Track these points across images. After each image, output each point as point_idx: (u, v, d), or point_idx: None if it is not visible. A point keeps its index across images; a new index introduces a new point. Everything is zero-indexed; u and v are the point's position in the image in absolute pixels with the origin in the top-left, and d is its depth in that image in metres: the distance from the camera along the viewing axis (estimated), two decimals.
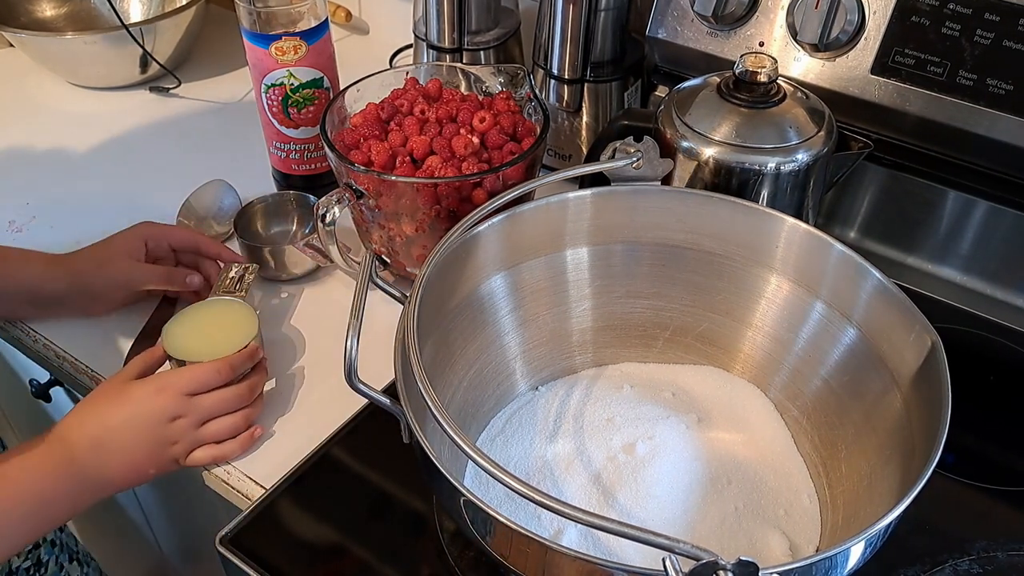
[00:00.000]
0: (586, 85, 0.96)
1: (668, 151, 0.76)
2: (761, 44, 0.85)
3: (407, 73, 0.87)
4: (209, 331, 0.74)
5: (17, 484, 0.64)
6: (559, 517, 0.44)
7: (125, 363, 0.76)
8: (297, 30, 0.87)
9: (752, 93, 0.75)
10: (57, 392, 0.96)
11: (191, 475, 0.76)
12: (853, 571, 0.51)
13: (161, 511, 1.06)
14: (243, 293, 0.79)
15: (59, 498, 0.65)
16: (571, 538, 0.59)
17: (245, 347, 0.72)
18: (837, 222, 0.91)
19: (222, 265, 0.83)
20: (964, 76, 0.76)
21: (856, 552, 0.49)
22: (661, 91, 0.97)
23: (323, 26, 0.89)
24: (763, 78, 0.75)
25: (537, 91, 0.85)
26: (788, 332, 0.70)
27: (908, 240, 0.88)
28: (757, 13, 0.85)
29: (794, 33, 0.83)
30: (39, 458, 0.65)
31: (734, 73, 0.76)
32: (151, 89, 1.21)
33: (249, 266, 0.82)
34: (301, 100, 0.91)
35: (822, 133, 0.76)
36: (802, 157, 0.75)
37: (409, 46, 1.15)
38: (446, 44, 1.02)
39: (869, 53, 0.80)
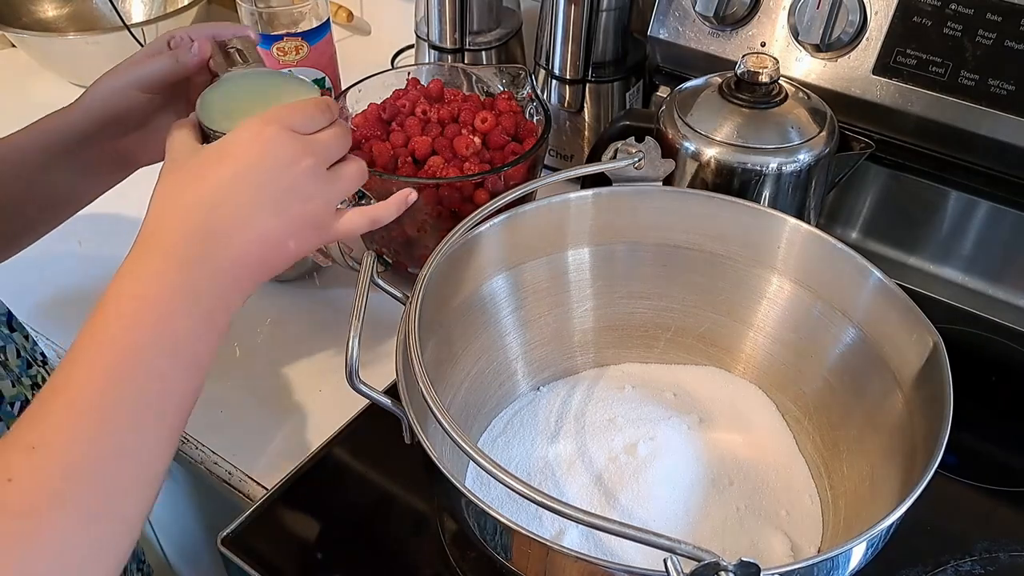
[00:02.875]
0: (588, 85, 0.96)
1: (670, 151, 0.76)
2: (763, 44, 0.85)
3: (409, 73, 0.87)
4: (257, 100, 0.58)
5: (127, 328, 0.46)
6: (560, 518, 0.44)
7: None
8: (299, 30, 0.87)
9: (754, 93, 0.75)
10: None
11: (193, 473, 0.76)
12: (855, 572, 0.51)
13: (162, 511, 1.06)
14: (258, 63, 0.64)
15: (184, 328, 0.47)
16: (572, 539, 0.59)
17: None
18: (839, 222, 0.91)
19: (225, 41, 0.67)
20: (966, 76, 0.76)
21: (858, 553, 0.49)
22: (663, 91, 0.97)
23: (325, 26, 0.89)
24: (765, 78, 0.75)
25: (539, 91, 0.85)
26: (790, 333, 0.70)
27: (910, 240, 0.88)
28: (759, 13, 0.85)
29: (796, 33, 0.83)
30: (137, 284, 0.47)
31: (736, 73, 0.76)
32: None
33: (245, 39, 0.67)
34: None
35: (824, 133, 0.76)
36: (804, 157, 0.75)
37: (411, 46, 1.15)
38: (448, 44, 1.02)
39: (871, 53, 0.80)
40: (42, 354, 0.69)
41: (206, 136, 0.55)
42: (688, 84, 0.81)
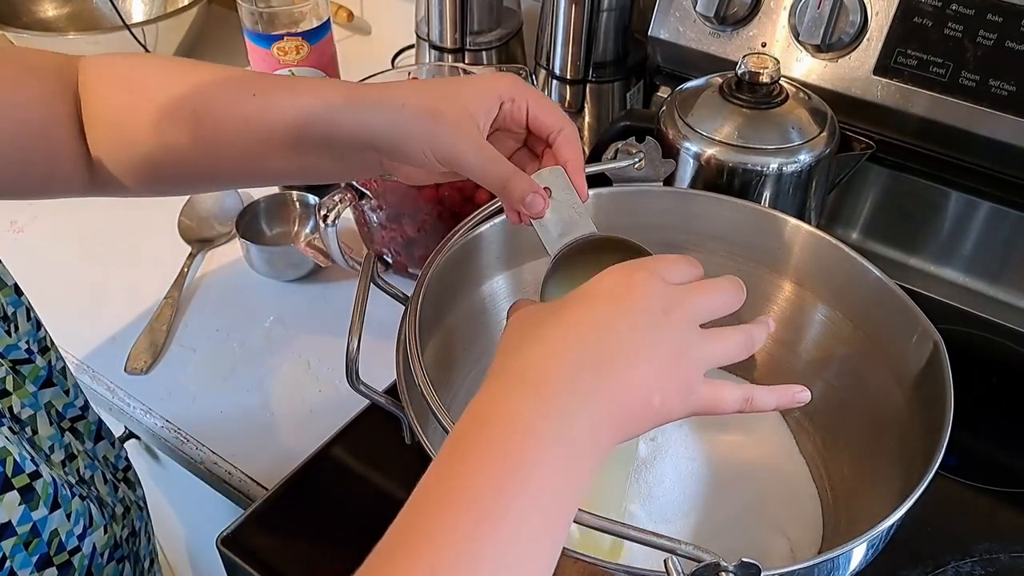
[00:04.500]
0: (588, 85, 0.96)
1: (670, 152, 0.76)
2: (763, 45, 0.85)
3: (409, 73, 0.87)
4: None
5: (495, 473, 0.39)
6: None
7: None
8: (299, 30, 0.87)
9: (754, 94, 0.75)
10: None
11: (193, 473, 0.76)
12: (855, 573, 0.51)
13: (161, 511, 1.06)
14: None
15: (551, 492, 0.39)
16: (572, 539, 0.59)
17: None
18: (839, 223, 0.91)
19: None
20: (966, 77, 0.76)
21: (858, 554, 0.49)
22: (663, 91, 0.97)
23: (325, 26, 0.89)
24: (765, 79, 0.74)
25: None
26: (790, 333, 0.70)
27: (910, 241, 0.88)
28: (759, 14, 0.85)
29: (796, 34, 0.83)
30: (498, 427, 0.40)
31: (736, 74, 0.76)
32: None
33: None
34: None
35: (824, 134, 0.75)
36: (804, 158, 0.74)
37: (411, 46, 1.14)
38: (448, 44, 1.02)
39: (871, 54, 0.80)
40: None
41: None
42: (689, 84, 0.81)
